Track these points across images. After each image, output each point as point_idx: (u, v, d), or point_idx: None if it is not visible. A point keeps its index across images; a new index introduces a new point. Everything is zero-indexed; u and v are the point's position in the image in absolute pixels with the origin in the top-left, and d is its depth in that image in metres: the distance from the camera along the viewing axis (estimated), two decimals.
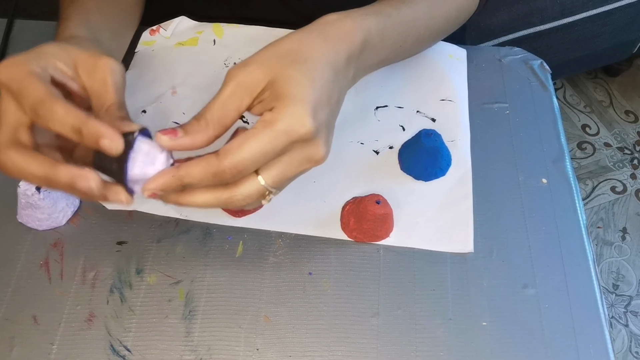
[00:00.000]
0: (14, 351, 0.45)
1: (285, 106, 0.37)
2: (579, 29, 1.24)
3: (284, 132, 0.37)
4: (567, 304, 0.49)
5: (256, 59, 0.39)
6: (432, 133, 0.53)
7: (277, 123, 0.36)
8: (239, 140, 0.37)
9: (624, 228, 1.41)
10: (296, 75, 0.38)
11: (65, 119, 0.36)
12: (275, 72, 0.38)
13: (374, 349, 0.46)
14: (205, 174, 0.37)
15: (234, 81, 0.38)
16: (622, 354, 1.23)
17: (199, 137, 0.38)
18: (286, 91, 0.37)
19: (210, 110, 0.38)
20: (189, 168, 0.37)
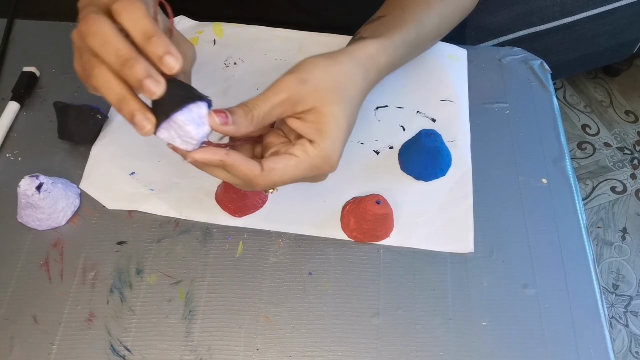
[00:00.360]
0: (14, 351, 0.45)
1: (325, 145, 0.42)
2: (579, 28, 1.24)
3: (316, 167, 0.42)
4: (567, 304, 0.49)
5: (312, 82, 0.42)
6: (432, 133, 0.53)
7: (315, 158, 0.42)
8: (282, 164, 0.41)
9: (624, 228, 1.40)
10: (340, 117, 0.43)
11: (141, 21, 0.36)
12: (324, 104, 0.42)
13: (374, 349, 0.46)
14: (245, 177, 0.40)
15: (288, 93, 0.41)
16: (622, 354, 1.23)
17: (241, 128, 0.40)
18: (330, 130, 0.42)
19: (259, 109, 0.41)
20: (237, 165, 0.40)
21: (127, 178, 0.54)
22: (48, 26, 0.66)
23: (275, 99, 0.41)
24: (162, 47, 0.36)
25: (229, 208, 0.52)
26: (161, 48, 0.36)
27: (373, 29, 0.52)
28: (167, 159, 0.56)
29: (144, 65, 0.36)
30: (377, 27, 0.52)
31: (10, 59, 0.64)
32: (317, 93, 0.42)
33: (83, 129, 0.55)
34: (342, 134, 0.43)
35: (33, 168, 0.54)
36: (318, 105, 0.42)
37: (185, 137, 0.39)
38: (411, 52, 0.54)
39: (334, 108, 0.43)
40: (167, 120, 0.38)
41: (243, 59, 0.64)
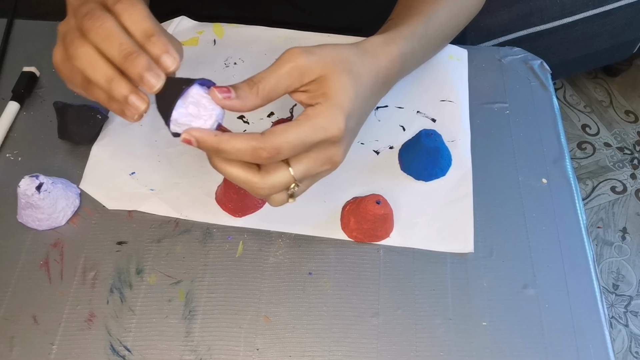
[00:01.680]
0: (14, 351, 0.45)
1: (329, 107, 0.40)
2: (579, 29, 1.24)
3: (321, 128, 0.39)
4: (567, 304, 0.49)
5: (319, 53, 0.41)
6: (432, 133, 0.53)
7: (318, 118, 0.39)
8: (283, 126, 0.39)
9: (624, 228, 1.40)
10: (345, 83, 0.41)
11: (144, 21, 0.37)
12: (330, 72, 0.41)
13: (374, 349, 0.46)
14: (245, 146, 0.38)
15: (293, 63, 0.40)
16: (622, 354, 1.23)
17: (247, 102, 0.39)
18: (333, 94, 0.40)
19: (264, 81, 0.40)
20: (232, 136, 0.38)
21: (127, 178, 0.54)
22: (48, 26, 0.66)
23: (280, 70, 0.40)
24: (161, 46, 0.37)
25: (229, 208, 0.52)
26: (160, 47, 0.37)
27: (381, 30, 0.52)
28: (167, 159, 0.56)
29: (146, 59, 0.36)
30: (385, 28, 0.52)
31: (10, 59, 0.64)
32: (324, 62, 0.41)
33: (83, 129, 0.55)
34: (349, 102, 0.41)
35: (33, 168, 0.54)
36: (324, 73, 0.41)
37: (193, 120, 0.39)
38: (423, 45, 0.53)
39: (343, 77, 0.41)
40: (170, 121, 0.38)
41: (243, 59, 0.64)
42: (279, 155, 0.39)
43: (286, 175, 0.40)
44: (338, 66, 0.41)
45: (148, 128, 0.58)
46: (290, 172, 0.40)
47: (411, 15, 0.53)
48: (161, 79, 0.37)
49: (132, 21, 0.37)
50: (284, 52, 0.41)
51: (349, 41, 0.63)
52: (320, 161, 0.41)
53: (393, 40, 0.48)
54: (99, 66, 0.37)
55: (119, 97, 0.38)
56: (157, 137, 0.57)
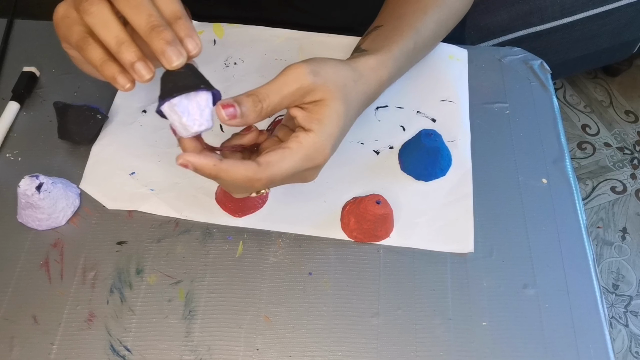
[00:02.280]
0: (14, 351, 0.45)
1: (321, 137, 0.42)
2: (579, 28, 1.24)
3: (311, 159, 0.42)
4: (567, 304, 0.49)
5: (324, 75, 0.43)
6: (432, 133, 0.53)
7: (310, 150, 0.42)
8: (278, 156, 0.41)
9: (624, 228, 1.40)
10: (340, 113, 0.43)
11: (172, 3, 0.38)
12: (330, 98, 0.43)
13: (374, 349, 0.46)
14: (242, 176, 0.40)
15: (299, 85, 0.41)
16: (622, 354, 1.23)
17: (249, 120, 0.41)
18: (327, 122, 0.42)
19: (269, 100, 0.41)
20: (230, 166, 0.40)
21: (127, 178, 0.54)
22: (48, 26, 0.66)
23: (286, 90, 0.41)
24: (187, 30, 0.38)
25: (229, 208, 0.52)
26: (185, 31, 0.38)
27: (371, 40, 0.53)
28: (167, 159, 0.56)
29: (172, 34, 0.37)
30: (375, 39, 0.53)
31: (10, 59, 0.64)
32: (327, 87, 0.43)
33: (83, 129, 0.55)
34: (338, 131, 0.43)
35: (33, 168, 0.55)
36: (325, 98, 0.42)
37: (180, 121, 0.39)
38: (410, 61, 0.55)
39: (339, 104, 0.43)
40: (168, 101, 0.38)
41: (243, 59, 0.64)
42: (271, 184, 0.42)
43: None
44: (337, 93, 0.43)
45: (148, 128, 0.58)
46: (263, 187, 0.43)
47: (401, 28, 0.54)
48: (182, 57, 0.37)
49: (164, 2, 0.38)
50: (289, 67, 0.42)
51: (348, 41, 0.64)
52: (296, 179, 0.44)
53: (384, 64, 0.50)
54: (113, 26, 0.38)
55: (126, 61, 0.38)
56: (157, 137, 0.57)
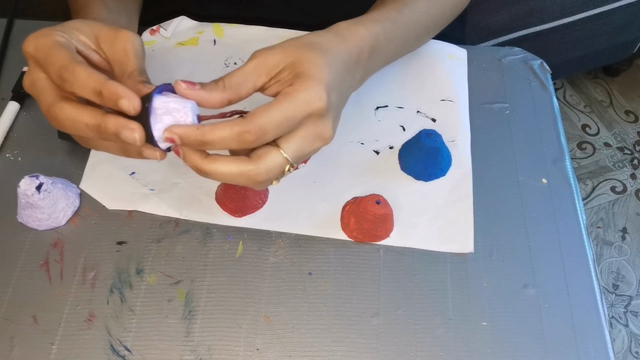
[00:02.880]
0: (14, 351, 0.45)
1: (305, 81, 0.40)
2: (579, 28, 1.24)
3: (304, 102, 0.39)
4: (567, 304, 0.49)
5: (279, 45, 0.43)
6: (432, 133, 0.53)
7: (297, 94, 0.39)
8: (264, 107, 0.39)
9: (624, 228, 1.40)
10: (315, 59, 0.41)
11: (87, 82, 0.38)
12: (296, 55, 0.41)
13: (374, 349, 0.46)
14: (229, 133, 0.38)
15: (257, 59, 0.41)
16: (622, 354, 1.23)
17: (214, 95, 0.40)
18: (306, 70, 0.41)
19: (230, 77, 0.40)
20: (215, 126, 0.38)
21: (127, 178, 0.54)
22: (48, 26, 0.66)
23: (245, 67, 0.41)
24: (113, 95, 0.37)
25: (229, 208, 0.52)
26: (112, 97, 0.37)
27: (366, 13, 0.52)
28: (167, 159, 0.55)
29: (112, 123, 0.38)
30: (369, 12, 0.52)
31: (10, 59, 0.64)
32: (286, 51, 0.42)
33: None
34: (325, 74, 0.41)
35: (33, 168, 0.54)
36: (290, 60, 0.41)
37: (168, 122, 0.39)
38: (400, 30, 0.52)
39: (308, 55, 0.41)
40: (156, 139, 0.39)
41: (243, 59, 0.64)
42: (265, 135, 0.38)
43: (279, 157, 0.40)
44: (303, 49, 0.42)
45: None
46: (282, 153, 0.40)
47: (385, 2, 0.53)
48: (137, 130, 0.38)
49: (81, 89, 0.38)
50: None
51: None
52: (310, 138, 0.41)
53: (359, 22, 0.48)
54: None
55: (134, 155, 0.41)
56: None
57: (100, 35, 0.43)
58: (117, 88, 0.37)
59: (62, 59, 0.39)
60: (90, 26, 0.44)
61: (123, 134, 0.38)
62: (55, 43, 0.40)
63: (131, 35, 0.42)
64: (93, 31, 0.43)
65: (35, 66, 0.41)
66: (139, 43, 0.43)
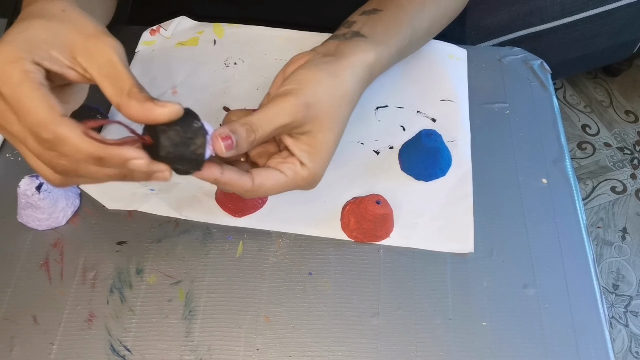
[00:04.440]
0: (14, 351, 0.45)
1: (313, 170, 0.44)
2: (579, 28, 1.24)
3: (302, 186, 0.44)
4: (567, 304, 0.49)
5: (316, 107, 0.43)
6: (432, 133, 0.53)
7: (303, 180, 0.44)
8: (272, 182, 0.42)
9: (624, 228, 1.40)
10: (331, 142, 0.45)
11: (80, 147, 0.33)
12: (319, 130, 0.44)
13: (374, 349, 0.46)
14: (237, 191, 0.42)
15: (292, 117, 0.42)
16: (622, 354, 1.23)
17: (241, 151, 0.41)
18: (318, 154, 0.44)
19: (262, 131, 0.41)
20: (231, 182, 0.41)
21: None
22: None
23: (278, 121, 0.41)
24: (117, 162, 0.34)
25: (229, 208, 0.52)
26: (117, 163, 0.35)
27: (370, 25, 0.52)
28: None
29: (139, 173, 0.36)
30: (375, 25, 0.52)
31: None
32: (317, 120, 0.43)
33: None
34: (329, 156, 0.45)
35: None
36: (314, 130, 0.43)
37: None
38: (400, 56, 0.55)
39: (329, 135, 0.44)
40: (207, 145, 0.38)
41: (243, 59, 0.64)
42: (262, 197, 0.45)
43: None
44: (329, 124, 0.44)
45: None
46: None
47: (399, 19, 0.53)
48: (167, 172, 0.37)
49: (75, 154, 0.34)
50: (283, 97, 0.42)
51: None
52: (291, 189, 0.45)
53: (380, 57, 0.50)
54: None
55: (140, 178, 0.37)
56: None
57: (76, 47, 0.36)
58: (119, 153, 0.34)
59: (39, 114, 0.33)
60: (60, 36, 0.36)
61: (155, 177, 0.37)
62: (23, 79, 0.33)
63: (111, 41, 0.36)
64: (65, 43, 0.36)
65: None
66: (121, 47, 0.37)
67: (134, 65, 0.63)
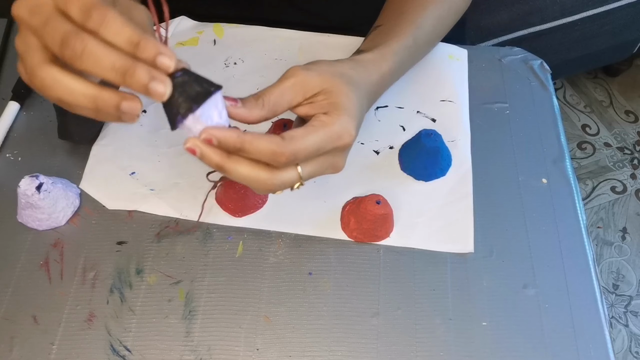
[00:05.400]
0: (14, 351, 0.45)
1: (341, 115, 0.42)
2: (579, 28, 1.24)
3: (337, 135, 0.41)
4: (567, 304, 0.49)
5: (316, 69, 0.43)
6: (432, 133, 0.53)
7: (333, 126, 0.41)
8: (302, 131, 0.40)
9: (624, 228, 1.40)
10: (351, 94, 0.43)
11: (122, 29, 0.34)
12: (332, 84, 0.43)
13: (374, 349, 0.46)
14: (266, 149, 0.38)
15: (295, 78, 0.42)
16: (622, 354, 1.23)
17: (253, 113, 0.41)
18: (342, 103, 0.42)
19: (269, 95, 0.41)
20: (255, 138, 0.38)
21: (127, 178, 0.54)
22: None
23: (284, 84, 0.42)
24: (152, 49, 0.34)
25: (229, 208, 0.52)
26: (151, 51, 0.34)
27: (370, 40, 0.53)
28: (167, 159, 0.56)
29: (145, 69, 0.34)
30: (374, 38, 0.53)
31: (10, 59, 0.64)
32: (323, 77, 0.43)
33: (83, 129, 0.55)
34: (354, 109, 0.43)
35: (33, 168, 0.54)
36: (326, 86, 0.43)
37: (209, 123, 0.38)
38: (412, 57, 0.55)
39: (343, 87, 0.43)
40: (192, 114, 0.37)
41: (243, 59, 0.64)
42: (295, 160, 0.40)
43: (294, 174, 0.41)
44: (338, 79, 0.43)
45: (148, 128, 0.58)
46: (299, 171, 0.41)
47: (399, 25, 0.54)
48: (168, 85, 0.35)
49: (113, 34, 0.34)
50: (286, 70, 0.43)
51: (348, 41, 0.64)
52: (324, 165, 0.43)
53: (384, 57, 0.51)
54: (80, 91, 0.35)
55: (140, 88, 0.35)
56: (157, 137, 0.57)
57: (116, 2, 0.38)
58: (156, 43, 0.34)
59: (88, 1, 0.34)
60: None
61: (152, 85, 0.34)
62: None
63: (146, 10, 0.39)
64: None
65: (27, 33, 0.36)
66: (151, 20, 0.39)
67: None
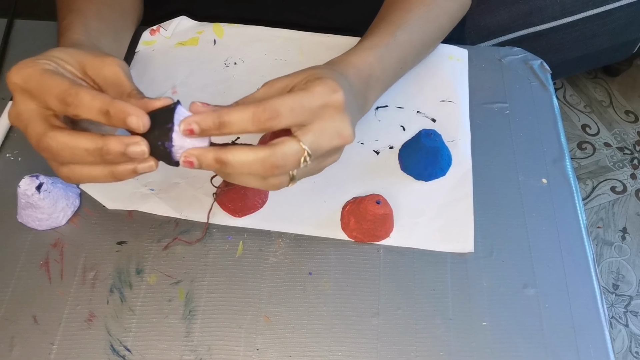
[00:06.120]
0: (14, 351, 0.45)
1: (322, 79, 0.41)
2: (579, 28, 1.24)
3: (318, 93, 0.40)
4: (567, 304, 0.49)
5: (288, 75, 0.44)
6: (432, 133, 0.53)
7: (312, 87, 0.41)
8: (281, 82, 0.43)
9: (624, 228, 1.40)
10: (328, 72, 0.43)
11: (92, 103, 0.38)
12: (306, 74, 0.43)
13: (374, 349, 0.46)
14: (245, 112, 0.39)
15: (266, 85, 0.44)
16: (622, 354, 1.23)
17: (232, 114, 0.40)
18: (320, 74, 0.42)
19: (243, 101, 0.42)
20: (230, 107, 0.39)
21: None
22: (48, 26, 0.66)
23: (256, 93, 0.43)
24: (120, 114, 0.38)
25: (229, 208, 0.52)
26: (120, 115, 0.38)
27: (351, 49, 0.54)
28: None
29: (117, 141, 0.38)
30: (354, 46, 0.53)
31: (10, 59, 0.64)
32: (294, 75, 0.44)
33: None
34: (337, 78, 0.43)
35: (33, 168, 0.54)
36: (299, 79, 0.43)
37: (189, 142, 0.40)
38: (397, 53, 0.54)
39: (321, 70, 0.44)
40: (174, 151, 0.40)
41: (243, 59, 0.64)
42: (279, 117, 0.39)
43: (295, 144, 0.40)
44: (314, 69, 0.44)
45: None
46: (299, 142, 0.40)
47: (379, 27, 0.54)
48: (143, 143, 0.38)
49: (86, 111, 0.38)
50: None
51: (348, 41, 0.64)
52: (327, 132, 0.41)
53: (352, 53, 0.51)
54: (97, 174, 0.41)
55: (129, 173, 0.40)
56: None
57: (86, 64, 0.43)
58: (124, 106, 0.38)
59: (61, 84, 0.39)
60: (73, 55, 0.43)
61: (129, 149, 0.38)
62: (45, 71, 0.40)
63: (117, 60, 0.43)
64: (77, 60, 0.43)
65: (23, 97, 0.40)
66: (126, 66, 0.43)
67: (134, 65, 0.63)
